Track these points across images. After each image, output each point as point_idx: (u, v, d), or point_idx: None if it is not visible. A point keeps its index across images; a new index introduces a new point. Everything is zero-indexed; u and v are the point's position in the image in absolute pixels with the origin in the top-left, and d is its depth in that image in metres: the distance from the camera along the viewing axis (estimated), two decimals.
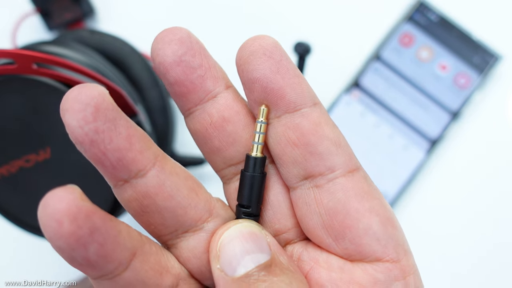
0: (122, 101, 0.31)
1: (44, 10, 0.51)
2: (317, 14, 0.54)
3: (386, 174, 0.51)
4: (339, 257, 0.22)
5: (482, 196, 0.53)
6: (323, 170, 0.21)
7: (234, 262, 0.20)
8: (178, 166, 0.21)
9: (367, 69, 0.52)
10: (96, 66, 0.38)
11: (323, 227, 0.21)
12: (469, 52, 0.52)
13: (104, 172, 0.20)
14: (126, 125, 0.19)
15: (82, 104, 0.19)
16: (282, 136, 0.21)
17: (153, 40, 0.21)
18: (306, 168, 0.21)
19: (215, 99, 0.22)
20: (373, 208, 0.21)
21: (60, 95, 0.31)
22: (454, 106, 0.52)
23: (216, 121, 0.22)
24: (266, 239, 0.21)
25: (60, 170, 0.33)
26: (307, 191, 0.21)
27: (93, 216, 0.19)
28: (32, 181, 0.33)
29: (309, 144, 0.21)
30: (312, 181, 0.21)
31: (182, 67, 0.21)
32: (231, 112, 0.22)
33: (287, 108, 0.21)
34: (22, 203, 0.34)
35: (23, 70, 0.29)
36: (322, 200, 0.21)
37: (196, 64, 0.22)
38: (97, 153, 0.20)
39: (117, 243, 0.19)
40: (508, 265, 0.53)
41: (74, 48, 0.40)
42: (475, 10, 0.54)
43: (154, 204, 0.21)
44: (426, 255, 0.53)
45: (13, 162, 0.33)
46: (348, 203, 0.21)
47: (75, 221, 0.18)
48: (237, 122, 0.22)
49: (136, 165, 0.20)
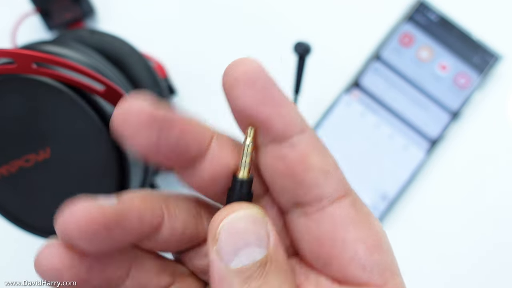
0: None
1: (44, 10, 0.50)
2: (317, 14, 0.54)
3: (386, 174, 0.51)
4: (329, 279, 0.22)
5: (482, 196, 0.53)
6: (311, 200, 0.21)
7: (231, 252, 0.20)
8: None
9: (367, 69, 0.52)
10: (96, 66, 0.38)
11: (312, 254, 0.22)
12: (469, 52, 0.52)
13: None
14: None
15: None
16: (270, 166, 0.21)
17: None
18: (295, 197, 0.21)
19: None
20: (359, 236, 0.21)
21: (60, 95, 0.31)
22: (454, 106, 0.52)
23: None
24: (267, 232, 0.21)
25: (60, 170, 0.33)
26: (297, 218, 0.22)
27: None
28: (32, 181, 0.33)
29: (297, 175, 0.21)
30: (302, 209, 0.21)
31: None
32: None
33: (274, 138, 0.21)
34: (22, 203, 0.34)
35: (23, 70, 0.29)
36: (310, 229, 0.21)
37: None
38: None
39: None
40: (508, 265, 0.53)
41: (74, 47, 0.40)
42: (475, 10, 0.54)
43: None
44: (426, 255, 0.53)
45: (13, 162, 0.33)
46: (335, 233, 0.21)
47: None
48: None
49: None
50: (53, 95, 0.31)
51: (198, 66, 0.54)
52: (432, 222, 0.53)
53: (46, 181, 0.33)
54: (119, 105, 0.19)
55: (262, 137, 0.21)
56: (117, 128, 0.19)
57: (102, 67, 0.38)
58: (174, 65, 0.53)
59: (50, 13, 0.51)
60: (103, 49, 0.43)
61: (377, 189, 0.51)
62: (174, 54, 0.54)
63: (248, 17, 0.54)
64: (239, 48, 0.54)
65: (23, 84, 0.31)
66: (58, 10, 0.51)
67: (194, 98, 0.54)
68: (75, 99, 0.31)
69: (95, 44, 0.43)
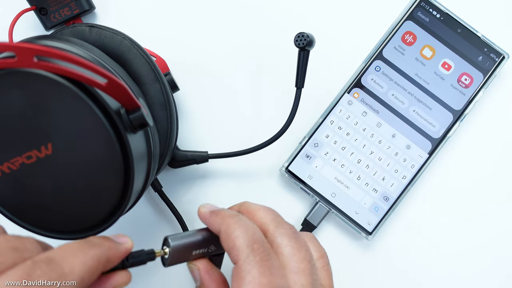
0: (125, 95, 0.31)
1: (41, 7, 0.50)
2: (317, 13, 0.54)
3: (389, 174, 0.51)
4: None
5: (486, 196, 0.53)
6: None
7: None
8: None
9: (369, 68, 0.52)
10: (96, 60, 0.37)
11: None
12: (473, 50, 0.51)
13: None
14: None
15: None
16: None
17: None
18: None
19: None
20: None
21: (62, 89, 0.30)
22: (458, 106, 0.51)
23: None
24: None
25: (62, 167, 0.32)
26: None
27: None
28: (34, 178, 0.32)
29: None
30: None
31: None
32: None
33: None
34: (24, 200, 0.34)
35: (24, 64, 0.28)
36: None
37: None
38: None
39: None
40: (509, 265, 0.53)
41: (73, 42, 0.39)
42: (480, 8, 0.54)
43: None
44: (429, 256, 0.53)
45: (14, 159, 0.32)
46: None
47: None
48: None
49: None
50: (54, 89, 0.30)
51: (201, 61, 0.53)
52: (435, 222, 0.53)
53: (49, 178, 0.32)
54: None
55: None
56: None
57: (102, 62, 0.38)
58: (176, 60, 0.53)
59: (47, 10, 0.50)
60: (102, 44, 0.43)
61: (379, 189, 0.51)
62: (176, 49, 0.53)
63: (251, 12, 0.54)
64: (241, 42, 0.53)
65: (24, 78, 0.30)
66: (56, 7, 0.50)
67: (196, 94, 0.53)
68: (77, 93, 0.30)
69: (94, 39, 0.43)
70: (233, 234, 0.33)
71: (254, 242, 0.32)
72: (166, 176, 0.52)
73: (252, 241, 0.32)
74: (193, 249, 0.36)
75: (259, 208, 0.36)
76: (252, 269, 0.31)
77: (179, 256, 0.35)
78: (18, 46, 0.27)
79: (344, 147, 0.51)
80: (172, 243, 0.35)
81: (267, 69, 0.53)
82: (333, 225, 0.53)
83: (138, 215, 0.52)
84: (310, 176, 0.51)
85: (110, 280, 0.32)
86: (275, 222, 0.35)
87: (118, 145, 0.31)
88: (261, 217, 0.35)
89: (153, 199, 0.52)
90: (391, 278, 0.52)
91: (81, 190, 0.33)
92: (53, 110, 0.31)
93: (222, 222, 0.34)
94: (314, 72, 0.52)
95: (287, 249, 0.33)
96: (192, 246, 0.35)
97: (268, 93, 0.53)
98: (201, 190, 0.53)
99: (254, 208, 0.36)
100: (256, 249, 0.32)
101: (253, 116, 0.53)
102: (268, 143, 0.49)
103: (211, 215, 0.36)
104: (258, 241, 0.32)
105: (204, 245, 0.37)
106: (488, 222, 0.53)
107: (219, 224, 0.34)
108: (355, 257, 0.53)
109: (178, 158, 0.49)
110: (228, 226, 0.33)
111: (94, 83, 0.29)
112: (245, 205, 0.37)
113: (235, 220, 0.34)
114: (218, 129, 0.53)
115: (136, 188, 0.35)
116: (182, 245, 0.35)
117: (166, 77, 0.48)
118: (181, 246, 0.35)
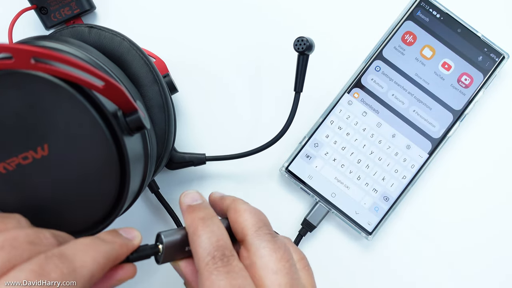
0: (122, 97, 0.31)
1: (42, 6, 0.50)
2: (317, 14, 0.54)
3: (389, 174, 0.51)
4: None
5: (486, 196, 0.53)
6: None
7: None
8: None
9: (369, 68, 0.52)
10: (94, 62, 0.37)
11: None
12: (473, 50, 0.51)
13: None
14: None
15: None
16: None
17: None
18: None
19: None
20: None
21: (59, 90, 0.30)
22: (458, 106, 0.51)
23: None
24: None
25: (59, 168, 0.32)
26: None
27: None
28: (30, 178, 0.33)
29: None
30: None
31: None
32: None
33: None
34: (19, 201, 0.34)
35: (21, 65, 0.28)
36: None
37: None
38: None
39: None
40: (509, 265, 0.52)
41: (72, 43, 0.39)
42: (480, 8, 0.54)
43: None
44: (429, 256, 0.53)
45: (10, 159, 0.32)
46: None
47: None
48: None
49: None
50: (51, 91, 0.30)
51: (200, 62, 0.53)
52: (435, 222, 0.53)
53: (44, 179, 0.33)
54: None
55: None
56: None
57: (100, 63, 0.38)
58: (176, 61, 0.53)
59: (47, 10, 0.50)
60: (101, 45, 0.43)
61: (379, 189, 0.51)
62: (176, 50, 0.53)
63: (251, 13, 0.54)
64: (241, 44, 0.53)
65: (21, 79, 0.30)
66: (56, 6, 0.50)
67: (195, 95, 0.53)
68: (74, 95, 0.30)
69: (94, 40, 0.43)
70: (196, 241, 0.33)
71: (216, 249, 0.32)
72: (164, 178, 0.52)
73: (214, 248, 0.32)
74: (186, 244, 0.36)
75: (246, 209, 0.36)
76: (210, 276, 0.31)
77: (172, 252, 0.35)
78: (15, 47, 0.27)
79: (344, 147, 0.51)
80: (165, 239, 0.35)
81: (266, 71, 0.53)
82: (333, 225, 0.53)
83: (135, 216, 0.52)
84: (310, 176, 0.51)
85: (116, 273, 0.33)
86: (256, 226, 0.35)
87: (115, 147, 0.31)
88: (244, 219, 0.35)
89: (150, 200, 0.52)
90: (391, 278, 0.52)
91: (77, 192, 0.33)
92: (49, 112, 0.31)
93: (190, 224, 0.34)
94: (314, 72, 0.52)
95: (264, 251, 0.33)
96: (185, 241, 0.35)
97: (267, 95, 0.53)
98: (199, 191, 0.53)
99: (241, 208, 0.36)
100: (217, 256, 0.32)
101: (251, 118, 0.53)
102: (265, 147, 0.49)
103: (186, 210, 0.36)
104: (221, 248, 0.32)
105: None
106: (488, 222, 0.53)
107: (187, 224, 0.35)
108: (355, 257, 0.53)
109: (175, 160, 0.49)
110: (195, 231, 0.34)
111: (91, 85, 0.29)
112: (235, 203, 0.37)
113: (202, 225, 0.34)
114: (216, 131, 0.53)
115: (132, 189, 0.35)
116: (174, 240, 0.35)
117: (165, 78, 0.48)
118: (173, 241, 0.35)
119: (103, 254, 0.30)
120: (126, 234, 0.34)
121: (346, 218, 0.51)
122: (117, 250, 0.32)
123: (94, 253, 0.29)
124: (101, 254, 0.30)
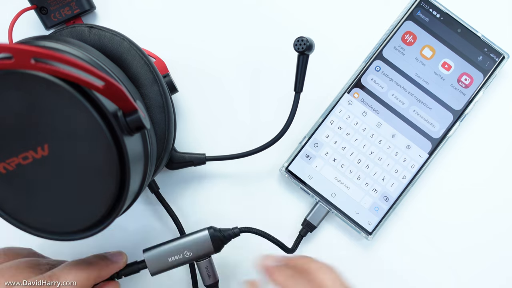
0: (122, 97, 0.31)
1: (42, 6, 0.50)
2: (317, 14, 0.54)
3: (389, 174, 0.51)
4: None
5: (486, 197, 0.53)
6: None
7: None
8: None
9: (369, 68, 0.52)
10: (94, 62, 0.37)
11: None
12: (473, 50, 0.51)
13: None
14: None
15: None
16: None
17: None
18: None
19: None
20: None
21: (59, 90, 0.30)
22: (458, 106, 0.51)
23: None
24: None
25: (59, 168, 0.32)
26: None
27: None
28: (30, 179, 0.33)
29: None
30: None
31: None
32: None
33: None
34: (19, 202, 0.34)
35: (21, 65, 0.28)
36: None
37: None
38: None
39: None
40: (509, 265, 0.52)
41: (72, 43, 0.39)
42: (480, 8, 0.54)
43: None
44: (429, 256, 0.53)
45: (11, 159, 0.32)
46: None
47: None
48: None
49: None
50: (51, 91, 0.30)
51: (200, 62, 0.53)
52: (435, 223, 0.53)
53: (44, 179, 0.33)
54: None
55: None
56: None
57: (100, 63, 0.38)
58: (176, 61, 0.53)
59: (47, 10, 0.50)
60: (101, 45, 0.43)
61: (379, 189, 0.51)
62: (176, 50, 0.53)
63: (251, 13, 0.54)
64: (241, 44, 0.53)
65: (21, 79, 0.30)
66: (56, 6, 0.50)
67: (195, 95, 0.53)
68: (74, 95, 0.30)
69: (94, 40, 0.43)
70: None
71: None
72: (164, 178, 0.52)
73: None
74: (168, 256, 0.43)
75: (320, 267, 0.39)
76: None
77: (157, 264, 0.43)
78: (15, 47, 0.28)
79: (344, 147, 0.51)
80: (145, 254, 0.43)
81: (266, 71, 0.53)
82: (333, 225, 0.53)
83: (134, 216, 0.52)
84: (310, 176, 0.51)
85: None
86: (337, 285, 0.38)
87: (115, 147, 0.31)
88: (320, 278, 0.38)
89: (150, 200, 0.52)
90: (391, 278, 0.52)
91: (77, 191, 0.33)
92: (49, 112, 0.31)
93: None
94: (314, 72, 0.52)
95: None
96: (166, 253, 0.43)
97: (267, 95, 0.53)
98: (199, 191, 0.53)
99: (315, 268, 0.39)
100: None
101: (251, 119, 0.53)
102: (265, 147, 0.49)
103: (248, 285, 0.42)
104: None
105: (177, 251, 0.43)
106: (488, 223, 0.53)
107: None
108: (355, 257, 0.53)
109: (175, 160, 0.49)
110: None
111: (91, 85, 0.29)
112: (305, 261, 0.41)
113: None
114: (216, 131, 0.53)
115: (132, 189, 0.35)
116: (155, 254, 0.43)
117: (165, 78, 0.48)
118: (155, 255, 0.43)
119: (85, 274, 0.38)
120: (111, 257, 0.42)
121: (346, 218, 0.51)
122: (98, 272, 0.39)
123: (77, 272, 0.37)
124: (84, 274, 0.38)
